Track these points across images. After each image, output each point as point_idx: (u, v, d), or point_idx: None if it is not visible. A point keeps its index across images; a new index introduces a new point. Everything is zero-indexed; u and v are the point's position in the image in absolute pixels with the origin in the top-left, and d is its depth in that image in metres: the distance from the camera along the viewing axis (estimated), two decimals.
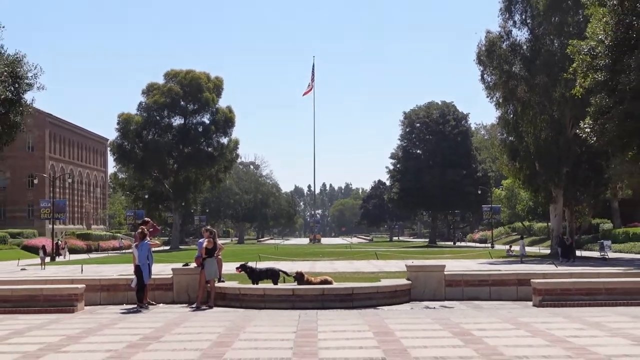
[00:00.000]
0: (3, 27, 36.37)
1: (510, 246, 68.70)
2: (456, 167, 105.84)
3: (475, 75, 56.87)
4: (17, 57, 36.36)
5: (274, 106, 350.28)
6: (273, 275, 24.23)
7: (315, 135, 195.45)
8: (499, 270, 29.45)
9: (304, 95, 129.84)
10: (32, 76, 36.84)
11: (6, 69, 35.01)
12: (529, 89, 52.44)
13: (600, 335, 14.95)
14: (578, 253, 53.49)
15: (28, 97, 37.41)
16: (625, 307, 20.15)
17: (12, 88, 35.53)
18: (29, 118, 41.05)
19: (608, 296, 21.30)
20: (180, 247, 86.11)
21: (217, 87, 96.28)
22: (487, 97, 56.66)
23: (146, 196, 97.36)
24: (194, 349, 13.84)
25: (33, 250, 67.73)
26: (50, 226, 71.48)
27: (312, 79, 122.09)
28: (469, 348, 13.57)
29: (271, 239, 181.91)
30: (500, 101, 55.99)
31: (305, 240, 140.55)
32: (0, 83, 34.18)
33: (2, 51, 35.87)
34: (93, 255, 71.27)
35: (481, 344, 13.97)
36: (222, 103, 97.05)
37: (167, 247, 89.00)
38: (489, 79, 55.39)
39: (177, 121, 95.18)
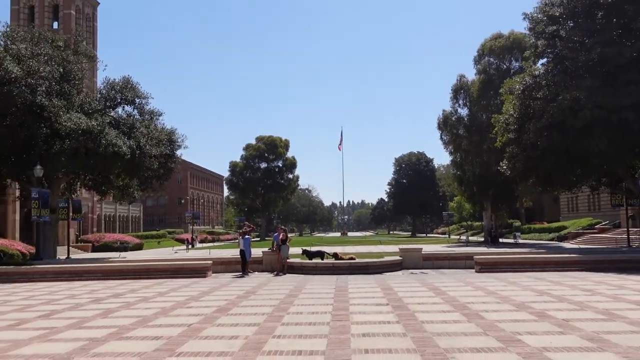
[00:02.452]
0: (164, 112, 37.06)
1: (460, 236, 67.98)
2: (427, 190, 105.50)
3: (437, 135, 56.62)
4: (172, 130, 36.83)
5: (319, 152, 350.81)
6: (321, 254, 24.17)
7: (344, 169, 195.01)
8: (454, 251, 29.06)
9: (339, 150, 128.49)
10: (180, 140, 37.30)
11: (166, 137, 35.50)
12: (468, 144, 52.06)
13: (516, 290, 14.68)
14: (500, 240, 52.72)
15: (178, 152, 37.87)
16: (531, 272, 19.82)
17: (169, 148, 35.96)
18: (178, 165, 41.42)
19: (520, 265, 20.98)
20: (266, 238, 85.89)
21: (286, 145, 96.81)
22: (444, 149, 56.42)
23: (246, 209, 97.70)
24: (276, 298, 13.82)
25: (181, 241, 68.22)
26: (191, 227, 71.93)
27: (341, 139, 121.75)
28: (438, 297, 13.39)
29: (318, 233, 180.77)
30: (452, 151, 55.61)
31: (338, 234, 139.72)
32: (163, 145, 34.62)
33: (164, 127, 36.40)
34: (215, 244, 71.56)
35: (445, 295, 13.78)
36: (289, 154, 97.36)
37: (258, 239, 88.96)
38: (445, 138, 55.05)
39: (263, 165, 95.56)
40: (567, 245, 43.99)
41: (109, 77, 35.97)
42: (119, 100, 35.06)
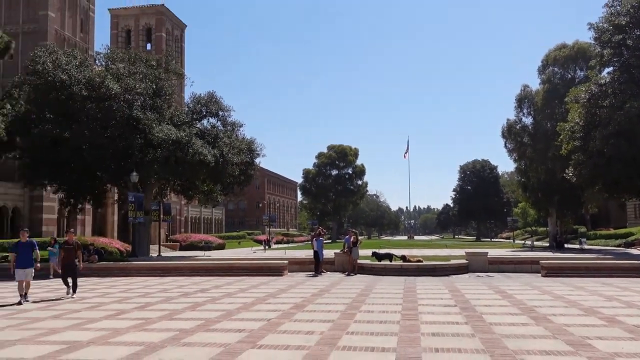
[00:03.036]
0: (244, 124, 37.89)
1: (525, 241, 65.52)
2: (491, 196, 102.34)
3: (500, 143, 54.92)
4: (251, 140, 37.44)
5: (387, 159, 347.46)
6: (389, 256, 23.87)
7: (410, 176, 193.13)
8: (519, 255, 27.97)
9: (404, 157, 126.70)
10: (259, 149, 37.82)
11: (246, 146, 36.13)
12: (533, 151, 50.09)
13: (584, 295, 13.97)
14: (565, 246, 50.35)
15: (257, 160, 38.39)
16: (597, 277, 18.80)
17: (249, 156, 36.54)
18: (257, 172, 42.12)
19: (586, 271, 19.99)
20: (337, 241, 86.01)
21: (355, 153, 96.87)
22: (509, 156, 54.57)
23: (318, 213, 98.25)
24: (348, 297, 13.77)
25: (259, 242, 69.33)
26: (268, 229, 72.98)
27: (407, 148, 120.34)
28: (505, 300, 12.94)
29: (386, 236, 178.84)
30: (516, 158, 53.63)
31: (405, 238, 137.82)
32: (243, 153, 35.25)
33: (244, 137, 37.03)
34: (290, 245, 72.29)
35: (512, 298, 13.28)
36: (358, 162, 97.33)
37: (329, 241, 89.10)
38: (509, 146, 53.19)
39: (334, 172, 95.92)
40: (634, 251, 41.43)
41: (195, 92, 37.08)
42: (204, 113, 36.10)
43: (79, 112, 29.60)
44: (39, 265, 14.26)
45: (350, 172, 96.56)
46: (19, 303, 13.09)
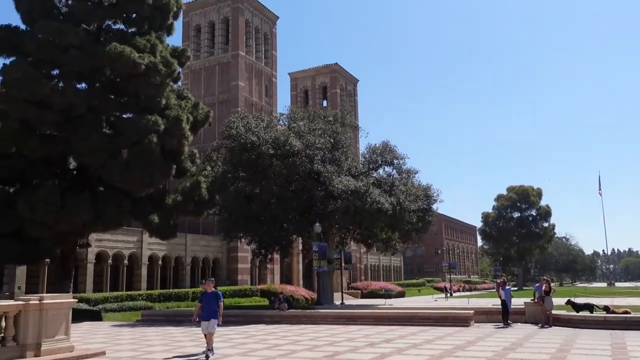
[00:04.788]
0: (419, 170, 37.64)
1: None
2: None
3: None
4: (427, 186, 37.10)
5: (575, 200, 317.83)
6: (589, 307, 21.48)
7: (605, 216, 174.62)
8: None
9: (599, 195, 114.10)
10: (436, 195, 37.27)
11: (422, 192, 35.84)
12: None
13: None
14: None
15: (434, 206, 37.76)
16: None
17: (426, 202, 36.12)
18: (434, 217, 41.41)
19: None
20: (523, 288, 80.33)
21: (538, 194, 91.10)
22: None
23: (501, 258, 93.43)
24: (546, 352, 12.62)
25: (439, 289, 67.43)
26: (448, 276, 70.71)
27: (600, 184, 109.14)
28: None
29: (580, 283, 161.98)
30: None
31: (603, 284, 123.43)
32: (420, 200, 34.95)
33: (420, 183, 36.88)
34: (472, 293, 69.07)
35: None
36: (542, 203, 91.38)
37: (515, 288, 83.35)
38: None
39: (516, 214, 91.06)
40: None
41: (370, 143, 38.14)
42: (380, 163, 36.82)
43: (267, 169, 32.16)
44: (221, 318, 13.31)
45: (534, 213, 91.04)
46: (206, 356, 12.74)
